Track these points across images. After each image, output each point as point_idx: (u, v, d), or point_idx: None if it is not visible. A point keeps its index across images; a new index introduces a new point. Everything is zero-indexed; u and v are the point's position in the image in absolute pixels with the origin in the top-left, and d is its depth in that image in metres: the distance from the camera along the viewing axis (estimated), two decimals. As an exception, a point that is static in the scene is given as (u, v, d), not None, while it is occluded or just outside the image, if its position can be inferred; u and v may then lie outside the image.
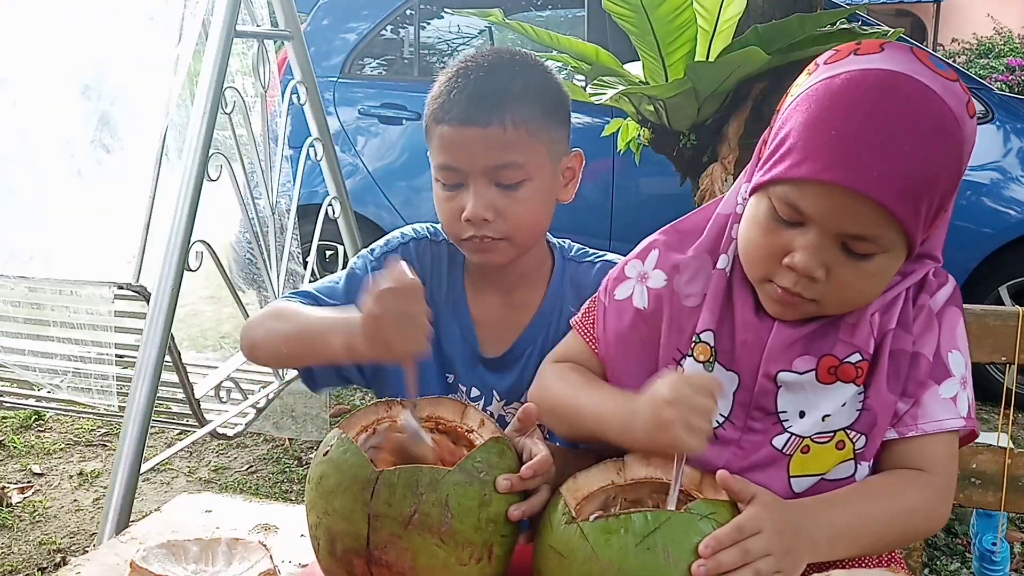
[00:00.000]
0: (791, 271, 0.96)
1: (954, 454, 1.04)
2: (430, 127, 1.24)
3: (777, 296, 0.99)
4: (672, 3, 2.69)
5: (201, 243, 2.39)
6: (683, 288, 1.09)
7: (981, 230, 3.86)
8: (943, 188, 0.92)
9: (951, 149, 0.91)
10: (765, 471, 1.02)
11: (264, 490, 3.17)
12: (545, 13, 4.63)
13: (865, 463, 1.02)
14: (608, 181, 4.11)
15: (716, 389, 0.96)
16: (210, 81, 2.38)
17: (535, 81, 1.24)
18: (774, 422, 1.03)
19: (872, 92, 0.90)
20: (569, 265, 1.34)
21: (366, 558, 0.89)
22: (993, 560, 1.86)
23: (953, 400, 1.01)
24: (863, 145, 0.89)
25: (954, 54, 11.53)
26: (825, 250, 0.94)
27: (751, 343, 1.03)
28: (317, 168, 3.17)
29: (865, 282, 0.96)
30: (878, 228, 0.91)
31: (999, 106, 4.01)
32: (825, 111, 0.92)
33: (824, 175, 0.90)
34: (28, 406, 2.95)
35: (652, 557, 0.83)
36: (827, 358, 1.01)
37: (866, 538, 0.98)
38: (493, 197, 1.21)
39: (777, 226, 0.97)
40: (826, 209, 0.92)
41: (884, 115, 0.89)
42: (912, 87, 0.90)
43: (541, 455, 0.95)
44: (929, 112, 0.90)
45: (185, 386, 2.41)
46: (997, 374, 3.64)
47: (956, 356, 1.03)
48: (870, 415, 1.01)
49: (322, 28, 4.54)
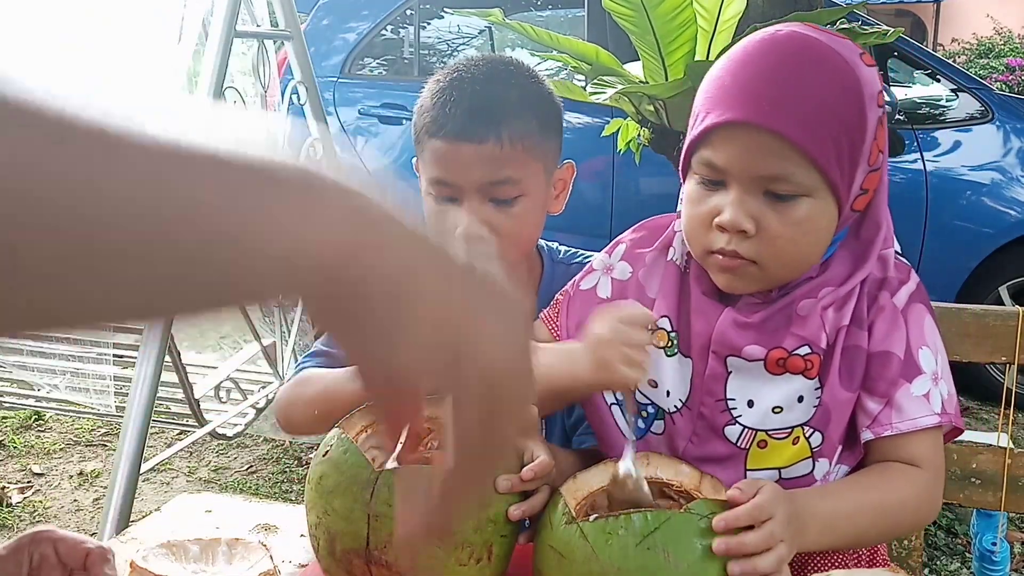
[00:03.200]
0: (722, 231, 0.99)
1: (939, 449, 1.05)
2: (421, 139, 1.21)
3: (719, 265, 1.02)
4: (672, 2, 2.69)
5: (201, 243, 2.39)
6: (645, 280, 1.13)
7: (981, 230, 3.86)
8: (848, 124, 0.96)
9: (843, 85, 0.96)
10: (723, 465, 1.04)
11: (264, 490, 3.17)
12: (545, 13, 4.63)
13: (824, 459, 1.03)
14: (608, 181, 4.11)
15: (647, 321, 1.01)
16: (210, 81, 2.38)
17: (531, 93, 1.22)
18: (722, 409, 1.05)
19: (759, 46, 0.99)
20: (558, 268, 1.34)
21: (366, 558, 0.89)
22: (993, 560, 1.86)
23: (926, 397, 1.02)
24: (753, 82, 0.96)
25: (954, 54, 11.53)
26: (748, 201, 0.98)
27: (703, 325, 1.06)
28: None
29: (795, 230, 0.98)
30: (789, 164, 0.95)
31: (999, 106, 4.01)
32: (719, 70, 1.01)
33: (723, 117, 0.96)
34: (28, 406, 2.95)
35: (652, 557, 0.83)
36: (777, 350, 1.02)
37: (853, 531, 0.99)
38: (487, 213, 1.18)
39: (704, 193, 1.02)
40: (734, 154, 0.97)
41: (772, 59, 0.97)
42: (797, 37, 0.99)
43: (542, 457, 0.95)
44: (815, 53, 0.97)
45: (185, 386, 2.41)
46: (997, 374, 3.64)
47: (926, 352, 1.03)
48: (824, 411, 1.02)
49: (322, 28, 4.54)
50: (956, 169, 3.97)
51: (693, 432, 1.07)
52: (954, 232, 3.91)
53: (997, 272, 3.86)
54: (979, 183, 3.86)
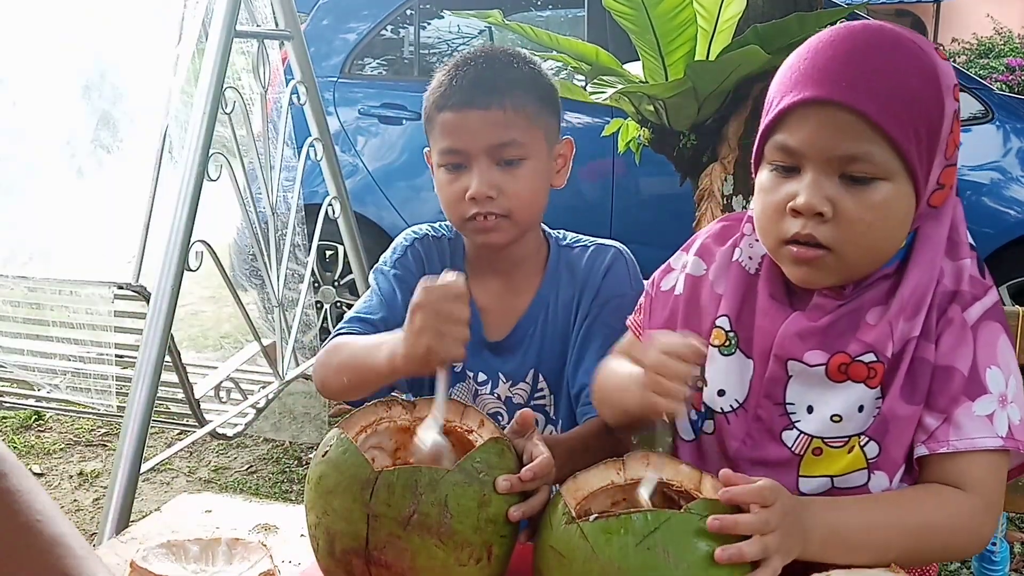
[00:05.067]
0: (798, 215, 0.97)
1: (997, 476, 0.99)
2: (432, 116, 1.32)
3: (793, 255, 0.99)
4: (672, 2, 2.69)
5: (201, 243, 2.39)
6: (715, 276, 1.12)
7: (981, 230, 3.85)
8: (928, 111, 0.94)
9: (925, 72, 0.94)
10: (776, 469, 1.02)
11: (264, 490, 3.17)
12: (545, 13, 4.63)
13: (881, 473, 1.00)
14: (608, 181, 4.10)
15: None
16: (210, 81, 2.38)
17: (529, 73, 1.33)
18: (780, 413, 1.03)
19: (831, 34, 0.98)
20: (564, 251, 1.40)
21: (365, 558, 0.89)
22: (993, 560, 1.86)
23: (989, 418, 0.97)
24: (831, 63, 0.94)
25: (954, 54, 11.51)
26: (825, 183, 0.95)
27: (767, 329, 1.04)
28: (317, 168, 3.17)
29: (873, 214, 0.95)
30: (868, 144, 0.93)
31: (999, 106, 4.00)
32: (796, 56, 0.99)
33: (799, 96, 0.95)
34: (28, 406, 2.95)
35: (652, 557, 0.83)
36: (840, 355, 1.00)
37: (868, 546, 0.95)
38: (495, 176, 1.27)
39: (779, 180, 0.99)
40: (811, 134, 0.95)
41: (848, 42, 0.95)
42: (872, 25, 0.97)
43: (542, 457, 0.96)
44: (898, 41, 0.95)
45: (185, 386, 2.41)
46: (997, 374, 3.64)
47: (994, 372, 0.99)
48: (882, 422, 0.99)
49: (322, 28, 4.54)
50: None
51: (747, 434, 1.05)
52: (954, 232, 3.90)
53: (997, 272, 3.82)
54: (979, 183, 3.85)
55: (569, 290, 1.36)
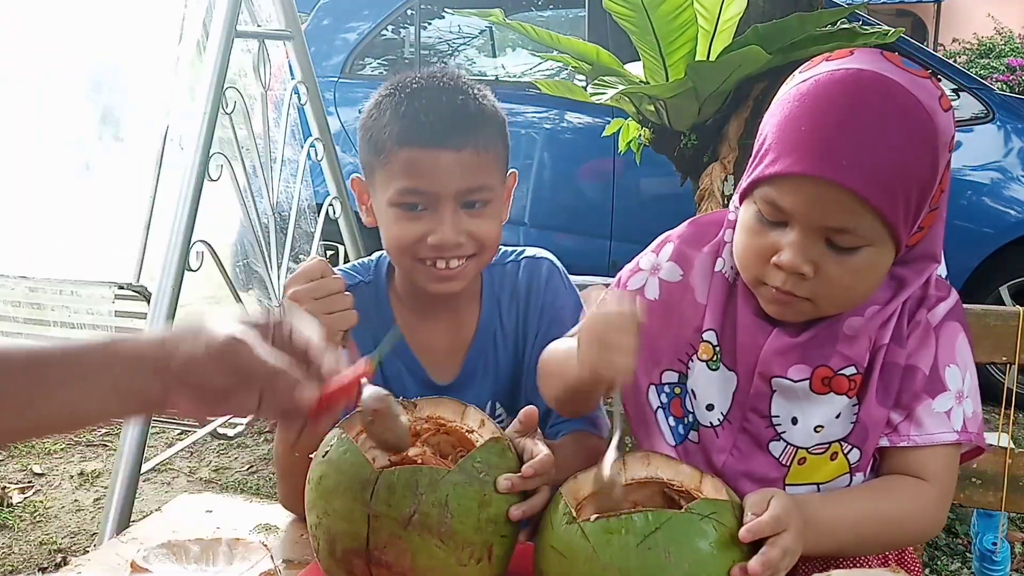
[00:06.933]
0: (780, 270, 0.98)
1: (952, 467, 1.05)
2: (388, 149, 1.19)
3: (772, 297, 1.01)
4: (673, 2, 2.69)
5: (202, 243, 2.39)
6: (695, 284, 1.11)
7: (981, 230, 3.86)
8: (920, 178, 0.94)
9: (921, 138, 0.93)
10: (764, 481, 1.04)
11: (264, 490, 3.17)
12: (546, 13, 4.63)
13: (860, 474, 1.04)
14: (609, 181, 4.10)
15: (634, 322, 0.95)
16: (210, 81, 2.38)
17: (487, 104, 1.24)
18: (767, 425, 1.05)
19: (839, 88, 0.94)
20: (495, 272, 1.34)
21: (366, 558, 0.89)
22: (993, 560, 1.86)
23: (947, 414, 1.02)
24: (832, 136, 0.92)
25: (954, 54, 11.51)
26: (810, 246, 0.96)
27: (749, 345, 1.05)
28: (318, 168, 3.17)
29: (854, 277, 0.97)
30: (857, 218, 0.93)
31: (999, 106, 4.00)
32: (797, 110, 0.96)
33: (797, 168, 0.93)
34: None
35: (653, 557, 0.83)
36: (822, 368, 1.02)
37: (855, 539, 1.00)
38: (462, 221, 1.20)
39: (764, 228, 0.99)
40: (804, 203, 0.95)
41: (851, 108, 0.93)
42: (878, 81, 0.94)
43: (543, 455, 0.95)
44: (896, 103, 0.93)
45: (185, 386, 2.40)
46: (997, 374, 3.63)
47: (953, 371, 1.03)
48: (862, 428, 1.03)
49: (322, 28, 4.54)
50: (957, 169, 3.96)
51: (734, 446, 1.06)
52: (954, 232, 3.87)
53: (997, 272, 3.85)
54: (980, 183, 3.86)
55: (512, 315, 1.30)
